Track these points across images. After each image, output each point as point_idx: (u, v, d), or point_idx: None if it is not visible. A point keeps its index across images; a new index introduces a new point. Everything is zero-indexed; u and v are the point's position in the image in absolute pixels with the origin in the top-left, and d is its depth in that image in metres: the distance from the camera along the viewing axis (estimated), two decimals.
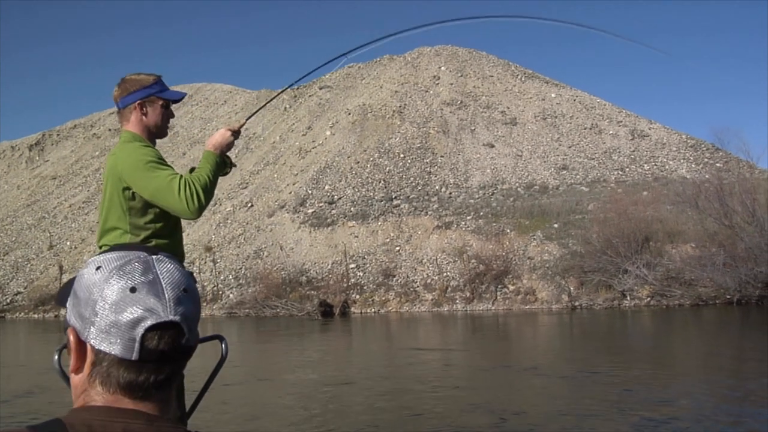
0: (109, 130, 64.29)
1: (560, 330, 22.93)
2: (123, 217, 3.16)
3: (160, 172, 3.09)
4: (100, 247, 3.18)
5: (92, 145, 64.68)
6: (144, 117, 3.26)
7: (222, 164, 3.40)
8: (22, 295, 41.35)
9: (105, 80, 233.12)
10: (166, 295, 1.11)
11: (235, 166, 3.58)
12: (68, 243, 46.57)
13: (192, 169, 3.31)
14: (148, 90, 3.26)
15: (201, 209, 3.09)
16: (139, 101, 3.25)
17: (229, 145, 3.43)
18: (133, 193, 3.11)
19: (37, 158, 69.53)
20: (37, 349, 21.60)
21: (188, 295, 1.15)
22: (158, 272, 1.14)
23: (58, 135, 71.05)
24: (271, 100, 4.22)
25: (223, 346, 1.51)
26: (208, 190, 3.14)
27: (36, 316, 38.25)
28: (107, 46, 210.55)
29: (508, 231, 31.90)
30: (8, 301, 41.29)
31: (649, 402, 9.08)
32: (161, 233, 3.20)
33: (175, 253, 3.18)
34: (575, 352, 16.22)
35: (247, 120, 3.83)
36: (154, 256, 1.17)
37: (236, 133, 3.49)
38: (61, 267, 41.09)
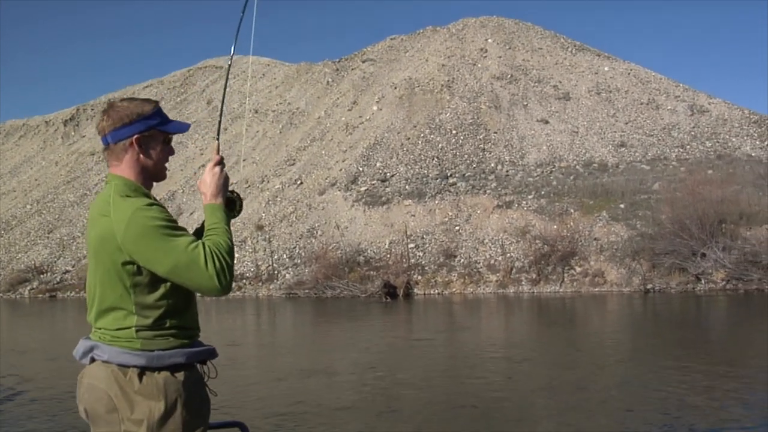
0: None
1: (631, 314, 22.38)
2: (126, 296, 2.43)
3: (177, 240, 2.37)
4: (98, 329, 2.48)
5: None
6: (142, 156, 2.54)
7: (230, 210, 2.67)
8: (70, 274, 41.17)
9: (139, 52, 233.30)
10: None
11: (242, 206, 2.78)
12: None
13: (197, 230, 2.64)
14: (148, 121, 2.53)
15: (231, 284, 2.41)
16: (137, 136, 2.52)
17: (227, 181, 2.66)
18: (138, 266, 2.40)
19: (73, 134, 69.48)
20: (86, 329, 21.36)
21: None
22: None
23: (92, 110, 70.79)
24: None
25: None
26: (233, 255, 2.46)
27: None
28: (139, 15, 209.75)
29: (572, 211, 31.10)
30: (58, 280, 41.13)
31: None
32: (175, 309, 2.49)
33: (192, 328, 2.57)
34: (651, 342, 15.64)
35: (218, 141, 2.77)
36: None
37: (222, 162, 2.69)
38: None
